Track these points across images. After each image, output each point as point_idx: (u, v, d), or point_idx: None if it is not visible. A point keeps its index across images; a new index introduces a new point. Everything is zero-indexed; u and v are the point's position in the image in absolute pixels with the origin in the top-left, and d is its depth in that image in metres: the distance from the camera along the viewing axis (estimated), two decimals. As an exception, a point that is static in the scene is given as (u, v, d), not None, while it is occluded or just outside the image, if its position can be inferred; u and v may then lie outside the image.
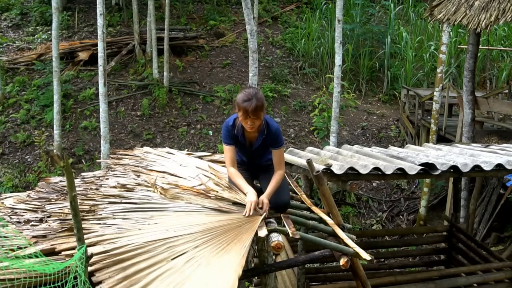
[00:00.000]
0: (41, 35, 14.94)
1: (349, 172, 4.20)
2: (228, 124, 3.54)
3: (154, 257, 2.71)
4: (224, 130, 3.56)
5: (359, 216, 10.31)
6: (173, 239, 2.88)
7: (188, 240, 2.88)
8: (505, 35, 14.84)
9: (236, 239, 2.88)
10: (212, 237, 2.92)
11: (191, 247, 2.80)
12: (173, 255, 2.74)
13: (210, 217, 3.23)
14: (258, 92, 3.41)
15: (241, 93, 3.39)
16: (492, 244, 8.40)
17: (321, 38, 14.64)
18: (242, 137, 3.56)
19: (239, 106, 3.33)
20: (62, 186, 4.51)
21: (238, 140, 3.57)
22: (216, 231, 2.98)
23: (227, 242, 2.85)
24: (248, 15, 7.33)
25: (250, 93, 3.35)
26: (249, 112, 3.29)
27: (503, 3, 6.56)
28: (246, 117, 3.33)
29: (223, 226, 3.05)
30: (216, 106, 12.75)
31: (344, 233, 3.36)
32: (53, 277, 2.48)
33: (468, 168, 4.60)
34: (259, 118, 3.37)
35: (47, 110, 11.95)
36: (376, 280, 5.19)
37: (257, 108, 3.30)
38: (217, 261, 2.68)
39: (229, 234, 2.94)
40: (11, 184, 10.32)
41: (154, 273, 2.59)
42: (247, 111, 3.29)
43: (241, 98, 3.34)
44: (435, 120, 9.66)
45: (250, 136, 3.57)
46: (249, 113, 3.30)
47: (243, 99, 3.32)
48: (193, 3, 16.88)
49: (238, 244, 2.82)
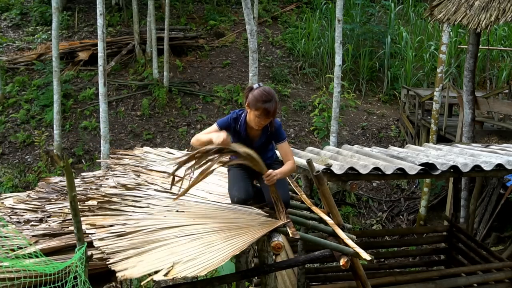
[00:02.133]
0: (41, 35, 14.94)
1: (349, 172, 4.20)
2: (232, 116, 3.43)
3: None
4: (226, 118, 3.44)
5: (359, 216, 10.31)
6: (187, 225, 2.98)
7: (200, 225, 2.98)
8: (505, 35, 14.84)
9: (248, 233, 2.91)
10: (225, 228, 2.95)
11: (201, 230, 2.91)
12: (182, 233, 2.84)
13: (229, 213, 3.28)
14: (272, 90, 3.33)
15: (258, 92, 3.23)
16: (492, 244, 8.40)
17: (321, 38, 14.64)
18: (245, 133, 3.47)
19: (258, 106, 3.20)
20: (62, 186, 4.50)
21: (240, 136, 3.48)
22: (231, 225, 3.02)
23: (238, 234, 2.89)
24: (248, 15, 7.33)
25: (269, 93, 3.22)
26: (271, 113, 3.21)
27: (503, 3, 6.56)
28: (264, 118, 3.24)
29: (239, 222, 3.08)
30: (216, 106, 12.75)
31: (344, 233, 3.36)
32: (53, 277, 2.48)
33: (468, 168, 4.60)
34: (274, 117, 3.31)
35: (47, 110, 11.95)
36: (376, 280, 5.20)
37: (276, 110, 3.24)
38: (219, 241, 2.77)
39: (242, 230, 2.96)
40: (11, 184, 10.31)
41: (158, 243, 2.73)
42: (268, 112, 3.20)
43: (260, 98, 3.20)
44: (435, 120, 9.66)
45: (253, 134, 3.49)
46: (270, 114, 3.22)
47: (264, 100, 3.19)
48: (193, 3, 16.88)
49: (247, 235, 2.86)
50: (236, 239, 2.80)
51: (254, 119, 3.28)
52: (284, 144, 3.47)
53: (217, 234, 2.88)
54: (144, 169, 4.43)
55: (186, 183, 3.32)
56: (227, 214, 3.26)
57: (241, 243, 2.75)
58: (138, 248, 2.70)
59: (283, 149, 3.47)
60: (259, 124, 3.31)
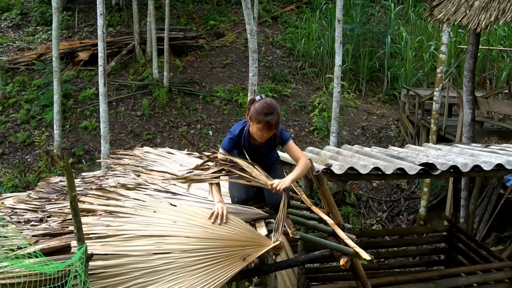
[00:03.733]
0: (41, 35, 14.94)
1: (349, 172, 4.20)
2: (234, 133, 3.37)
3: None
4: (228, 139, 3.40)
5: (359, 216, 10.31)
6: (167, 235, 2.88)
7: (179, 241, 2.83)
8: (505, 35, 14.84)
9: (228, 259, 2.74)
10: (207, 247, 2.81)
11: (177, 249, 2.76)
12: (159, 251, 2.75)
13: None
14: (274, 102, 3.26)
15: (259, 105, 3.17)
16: (492, 244, 8.40)
17: (321, 38, 14.64)
18: (249, 145, 3.44)
19: (260, 119, 3.14)
20: (62, 186, 4.50)
21: (245, 148, 3.45)
22: (214, 243, 2.87)
23: (218, 259, 2.74)
24: (248, 15, 7.32)
25: (271, 105, 3.16)
26: (273, 126, 3.17)
27: (503, 3, 6.56)
28: (266, 130, 3.20)
29: (224, 238, 2.91)
30: (216, 106, 12.75)
31: (344, 233, 3.36)
32: (53, 277, 2.48)
33: (468, 168, 4.60)
34: (277, 129, 3.26)
35: (47, 110, 11.95)
36: (376, 280, 5.20)
37: (278, 121, 3.20)
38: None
39: (223, 250, 2.81)
40: (11, 184, 10.31)
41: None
42: (270, 125, 3.15)
43: (261, 111, 3.14)
44: (435, 120, 9.66)
45: (257, 144, 3.44)
46: (273, 127, 3.18)
47: (265, 112, 3.13)
48: (193, 3, 16.88)
49: (227, 266, 2.70)
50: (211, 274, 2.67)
51: (257, 132, 3.24)
52: (289, 144, 3.41)
53: (196, 254, 2.75)
54: (144, 169, 4.43)
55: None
56: (211, 232, 3.03)
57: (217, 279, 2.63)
58: (107, 260, 2.71)
59: (290, 149, 3.41)
60: (262, 137, 3.26)
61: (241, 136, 3.38)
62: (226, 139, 3.42)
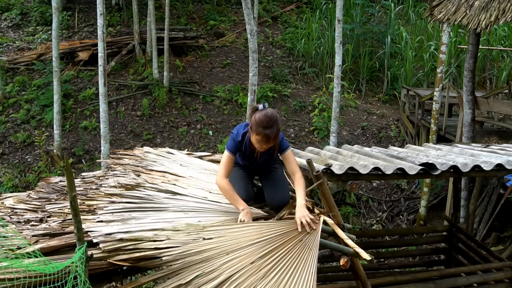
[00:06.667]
0: (41, 35, 14.94)
1: (349, 172, 4.20)
2: (237, 138, 3.43)
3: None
4: (231, 140, 3.45)
5: (359, 216, 10.30)
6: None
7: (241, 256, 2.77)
8: (505, 35, 14.84)
9: (299, 258, 2.73)
10: (269, 251, 2.78)
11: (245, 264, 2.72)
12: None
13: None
14: (275, 113, 3.27)
15: (259, 117, 3.18)
16: (492, 244, 8.40)
17: (321, 38, 14.64)
18: (250, 152, 3.50)
19: (259, 131, 3.18)
20: (62, 186, 4.50)
21: (246, 155, 3.52)
22: (272, 244, 2.85)
23: (290, 263, 2.71)
24: (248, 15, 7.32)
25: (271, 118, 3.17)
26: (271, 139, 3.20)
27: (503, 3, 6.56)
28: (264, 143, 3.23)
29: (276, 236, 2.90)
30: (216, 106, 12.75)
31: (344, 233, 3.36)
32: (53, 277, 2.48)
33: (468, 168, 4.60)
34: (276, 142, 3.29)
35: (47, 110, 11.95)
36: (376, 280, 5.20)
37: (278, 134, 3.22)
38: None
39: (287, 250, 2.80)
40: (11, 184, 10.31)
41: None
42: (268, 138, 3.19)
43: (261, 123, 3.17)
44: (435, 120, 9.66)
45: (256, 151, 3.49)
46: (271, 140, 3.21)
47: (264, 126, 3.16)
48: (193, 3, 16.88)
49: (303, 267, 2.67)
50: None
51: (256, 142, 3.29)
52: (287, 154, 3.45)
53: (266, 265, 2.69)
54: (144, 169, 4.43)
55: (187, 182, 3.32)
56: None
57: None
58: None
59: (287, 159, 3.46)
60: (261, 147, 3.31)
61: (243, 142, 3.43)
62: (231, 140, 3.47)
